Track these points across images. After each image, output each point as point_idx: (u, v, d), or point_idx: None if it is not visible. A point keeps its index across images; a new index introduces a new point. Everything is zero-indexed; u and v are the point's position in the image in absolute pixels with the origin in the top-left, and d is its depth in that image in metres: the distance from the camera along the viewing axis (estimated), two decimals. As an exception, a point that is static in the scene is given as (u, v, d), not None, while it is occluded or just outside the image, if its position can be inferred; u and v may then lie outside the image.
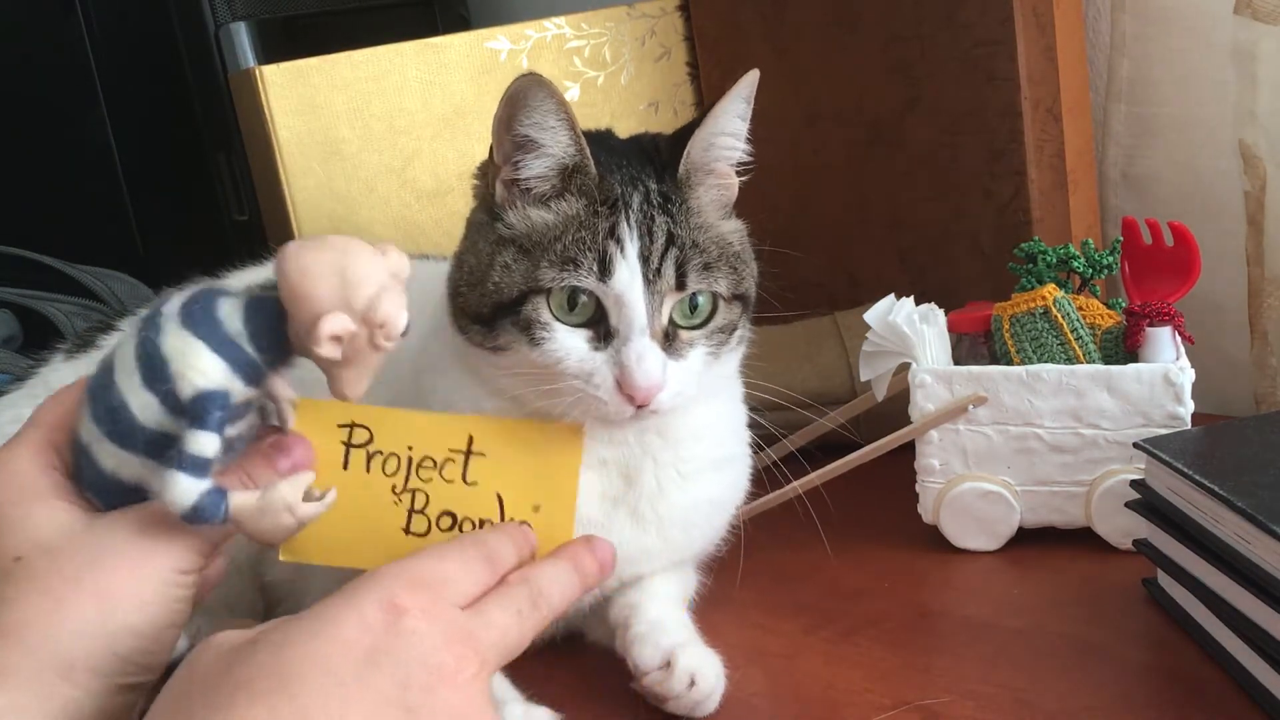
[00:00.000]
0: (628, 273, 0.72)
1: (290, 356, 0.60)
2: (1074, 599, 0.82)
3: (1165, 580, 0.79)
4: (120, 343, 0.61)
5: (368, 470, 0.70)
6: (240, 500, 0.58)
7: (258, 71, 1.13)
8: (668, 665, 0.72)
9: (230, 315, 0.58)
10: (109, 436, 0.59)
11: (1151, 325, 0.87)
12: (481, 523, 0.70)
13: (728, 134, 0.78)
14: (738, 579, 0.87)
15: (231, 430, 0.59)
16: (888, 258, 1.23)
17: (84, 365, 0.96)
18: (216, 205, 1.28)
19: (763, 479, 0.94)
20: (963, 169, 1.15)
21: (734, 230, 0.80)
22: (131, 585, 0.59)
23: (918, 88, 1.17)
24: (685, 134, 0.78)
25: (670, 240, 0.73)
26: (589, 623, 0.84)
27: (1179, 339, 0.88)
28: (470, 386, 0.78)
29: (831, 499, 0.95)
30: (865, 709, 0.72)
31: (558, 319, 0.72)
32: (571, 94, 1.27)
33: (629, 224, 0.73)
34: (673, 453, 0.80)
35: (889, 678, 0.75)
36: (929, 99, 1.17)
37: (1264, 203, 1.06)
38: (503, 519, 0.70)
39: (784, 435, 1.01)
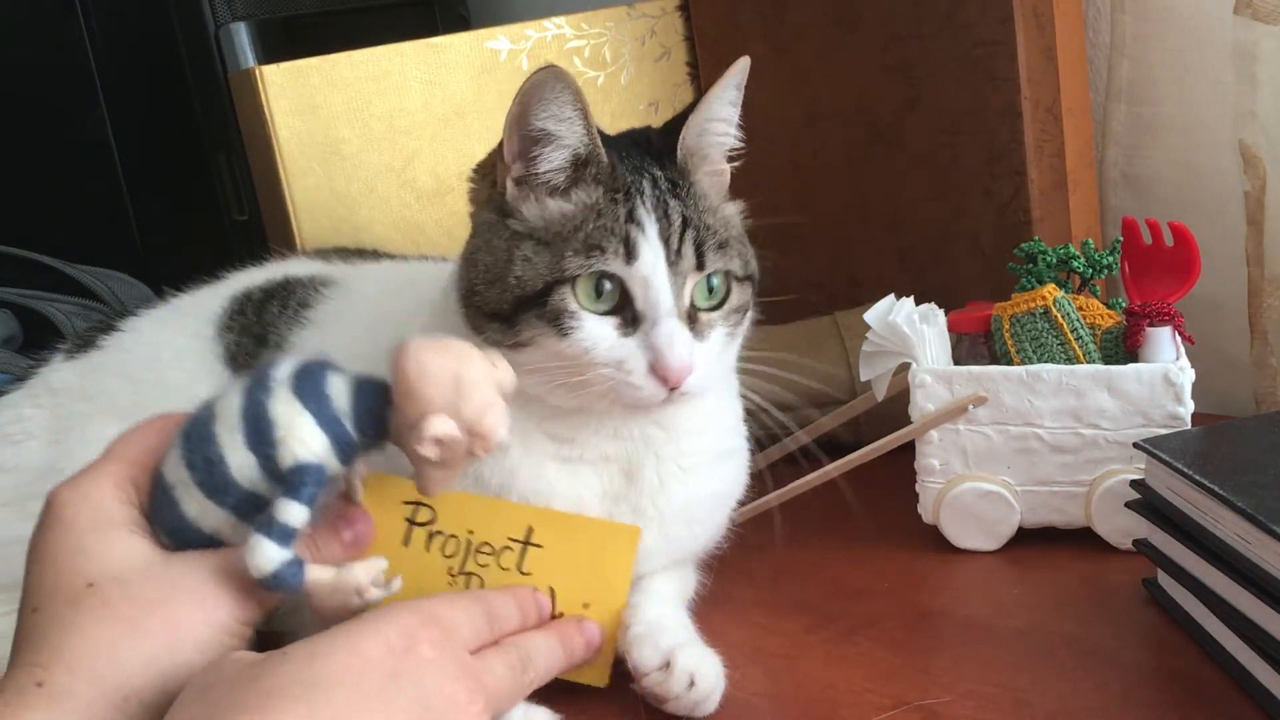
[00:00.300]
0: (652, 254, 0.73)
1: (384, 442, 0.62)
2: (1074, 599, 0.82)
3: (1165, 580, 0.79)
4: (223, 393, 0.62)
5: (427, 549, 0.74)
6: (317, 575, 0.60)
7: (258, 71, 1.13)
8: (667, 666, 0.72)
9: (339, 393, 0.61)
10: (199, 485, 0.61)
11: (1151, 325, 0.87)
12: None
13: (720, 119, 0.79)
14: (737, 579, 0.87)
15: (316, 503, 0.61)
16: (888, 258, 1.23)
17: (84, 365, 0.96)
18: (216, 205, 1.28)
19: (763, 479, 0.94)
20: (963, 169, 1.15)
21: (736, 212, 0.81)
22: (198, 627, 0.60)
23: (918, 88, 1.17)
24: (677, 123, 0.79)
25: (685, 222, 0.75)
26: None
27: (1179, 339, 0.88)
28: None
29: (831, 499, 0.95)
30: (865, 709, 0.72)
31: (584, 308, 0.73)
32: (571, 94, 1.27)
33: (645, 208, 0.74)
34: (675, 446, 0.81)
35: (889, 678, 0.75)
36: (929, 99, 1.17)
37: (1264, 203, 1.06)
38: (554, 613, 0.74)
39: (784, 435, 1.01)
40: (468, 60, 1.21)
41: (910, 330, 0.90)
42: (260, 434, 0.59)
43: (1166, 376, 0.85)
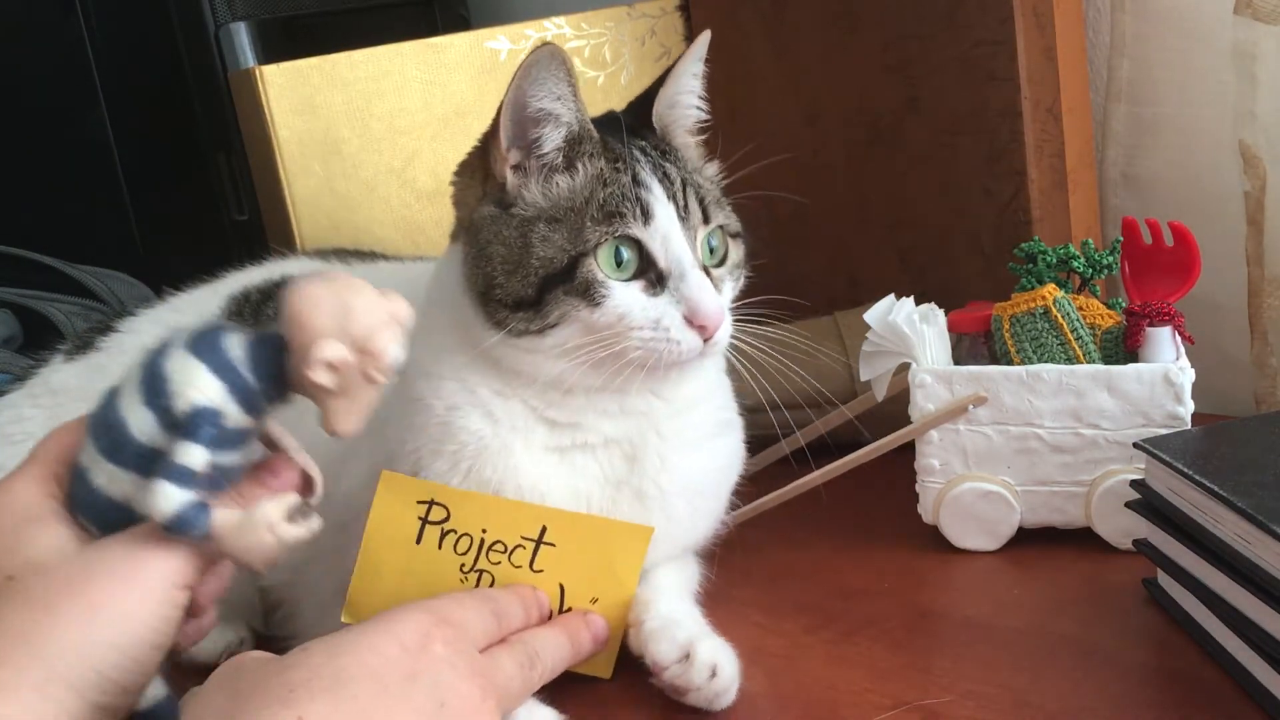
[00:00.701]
0: (665, 212, 0.76)
1: (288, 393, 0.60)
2: (1074, 599, 0.82)
3: (1165, 580, 0.79)
4: (127, 370, 0.61)
5: (440, 547, 0.75)
6: (223, 515, 0.58)
7: (258, 71, 1.13)
8: (686, 658, 0.73)
9: (233, 344, 0.59)
10: (103, 452, 0.60)
11: (1151, 325, 0.87)
12: None
13: (687, 91, 0.83)
14: (737, 578, 0.87)
15: (226, 457, 0.59)
16: (888, 258, 1.23)
17: (84, 365, 0.96)
18: (216, 205, 1.28)
19: (763, 479, 0.94)
20: (963, 169, 1.15)
21: (715, 173, 0.85)
22: (118, 600, 0.59)
23: (918, 88, 1.17)
24: (646, 100, 0.83)
25: (684, 182, 0.78)
26: None
27: (1179, 339, 0.88)
28: (480, 389, 0.78)
29: (831, 499, 0.95)
30: (865, 709, 0.72)
31: (609, 277, 0.75)
32: (571, 94, 1.27)
33: (646, 172, 0.77)
34: (678, 421, 0.81)
35: (889, 678, 0.75)
36: (929, 99, 1.17)
37: (1264, 203, 1.06)
38: (562, 608, 0.75)
39: (785, 434, 1.01)
40: (468, 60, 1.21)
41: (910, 330, 0.90)
42: (156, 389, 0.59)
43: (1166, 376, 0.85)
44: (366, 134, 1.17)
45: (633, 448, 0.80)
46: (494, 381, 0.78)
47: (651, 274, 0.75)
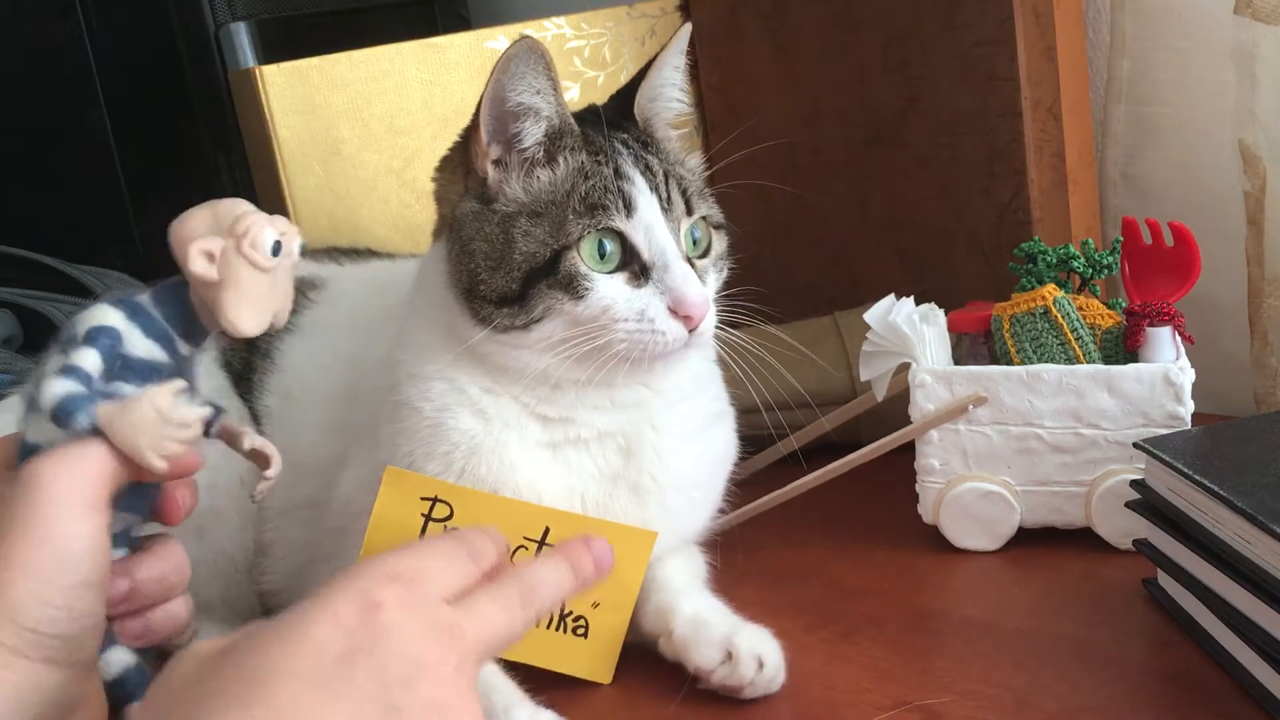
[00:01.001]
0: (648, 204, 0.76)
1: (195, 324, 0.62)
2: (1074, 599, 0.82)
3: (1165, 580, 0.79)
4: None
5: None
6: (108, 404, 0.57)
7: (258, 71, 1.13)
8: (730, 657, 0.73)
9: (141, 294, 0.62)
10: (29, 410, 0.60)
11: (1151, 325, 0.87)
12: None
13: (669, 84, 0.83)
14: (737, 578, 0.87)
15: (130, 384, 0.59)
16: (888, 258, 1.23)
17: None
18: (216, 205, 1.28)
19: (763, 479, 0.94)
20: (963, 169, 1.15)
21: (698, 164, 0.85)
22: (26, 541, 0.55)
23: (918, 88, 1.17)
24: (628, 92, 0.83)
25: (666, 174, 0.78)
26: None
27: (1179, 339, 0.88)
28: (470, 387, 0.78)
29: (831, 499, 0.95)
30: (865, 709, 0.72)
31: (592, 270, 0.75)
32: (571, 94, 1.27)
33: (629, 164, 0.77)
34: (671, 413, 0.81)
35: (889, 678, 0.75)
36: (929, 99, 1.17)
37: (1264, 203, 1.06)
38: (563, 610, 0.75)
39: (785, 435, 1.01)
40: (468, 60, 1.21)
41: (910, 330, 0.90)
42: (68, 336, 0.60)
43: (1166, 376, 0.85)
44: (366, 134, 1.17)
45: (627, 441, 0.80)
46: (482, 379, 0.78)
47: (635, 266, 0.76)
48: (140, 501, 0.62)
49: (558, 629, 0.76)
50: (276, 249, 0.63)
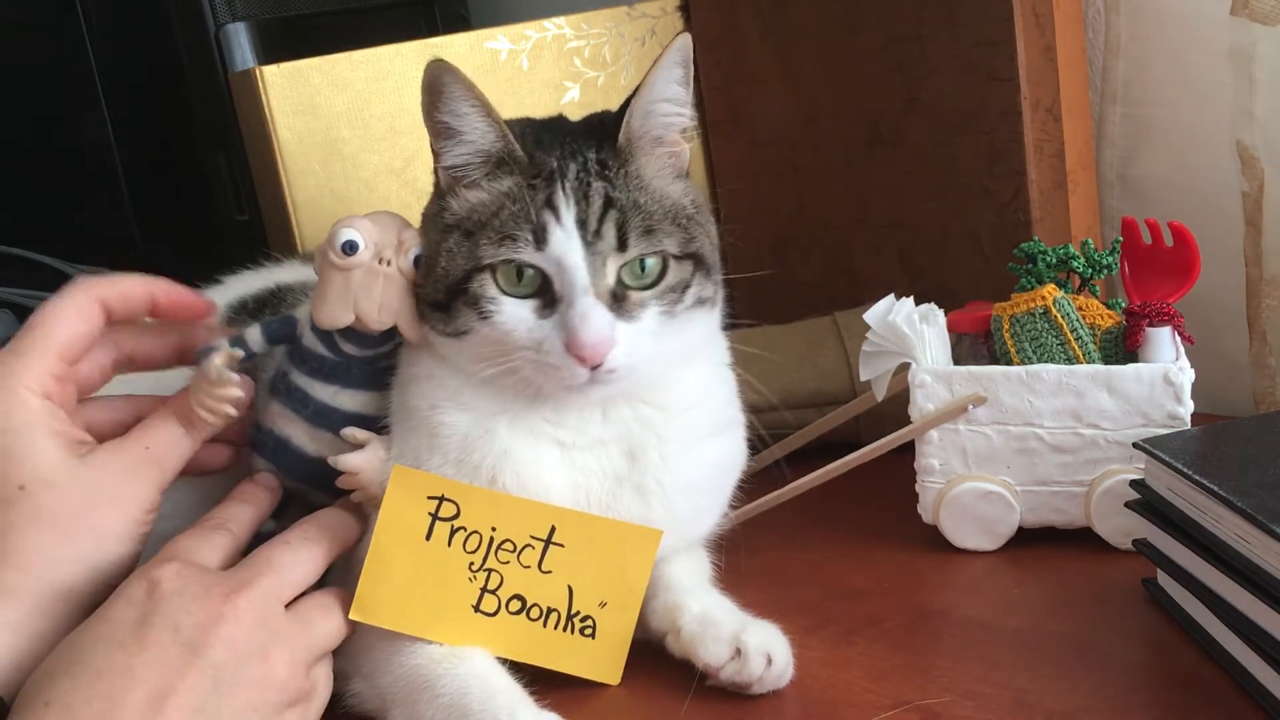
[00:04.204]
0: (564, 237, 0.73)
1: (356, 335, 0.77)
2: (1074, 599, 0.83)
3: (1165, 580, 0.79)
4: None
5: (449, 544, 0.75)
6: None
7: (258, 71, 1.13)
8: (738, 653, 0.73)
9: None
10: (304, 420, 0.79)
11: (1151, 325, 0.87)
12: (549, 610, 0.76)
13: (666, 100, 0.78)
14: (738, 577, 0.87)
15: (297, 370, 0.79)
16: (888, 258, 1.23)
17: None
18: (216, 206, 1.28)
19: (763, 479, 0.94)
20: (963, 169, 1.15)
21: (684, 191, 0.80)
22: (118, 523, 0.70)
23: (918, 88, 1.17)
24: (625, 104, 0.79)
25: (609, 203, 0.75)
26: None
27: (1179, 339, 0.88)
28: (449, 385, 0.78)
29: (831, 499, 0.95)
30: (865, 709, 0.72)
31: (505, 292, 0.74)
32: (571, 94, 1.27)
33: (564, 192, 0.74)
34: (674, 424, 0.80)
35: (889, 678, 0.75)
36: (929, 99, 1.17)
37: (1262, 204, 1.06)
38: (570, 610, 0.75)
39: (785, 435, 1.01)
40: (468, 60, 1.21)
41: (910, 330, 0.90)
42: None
43: (1166, 376, 0.85)
44: (366, 134, 1.17)
45: (630, 446, 0.79)
46: (461, 373, 0.78)
47: (549, 294, 0.74)
48: None
49: (565, 629, 0.76)
50: (350, 248, 0.74)
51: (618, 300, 0.74)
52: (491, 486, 0.77)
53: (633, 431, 0.79)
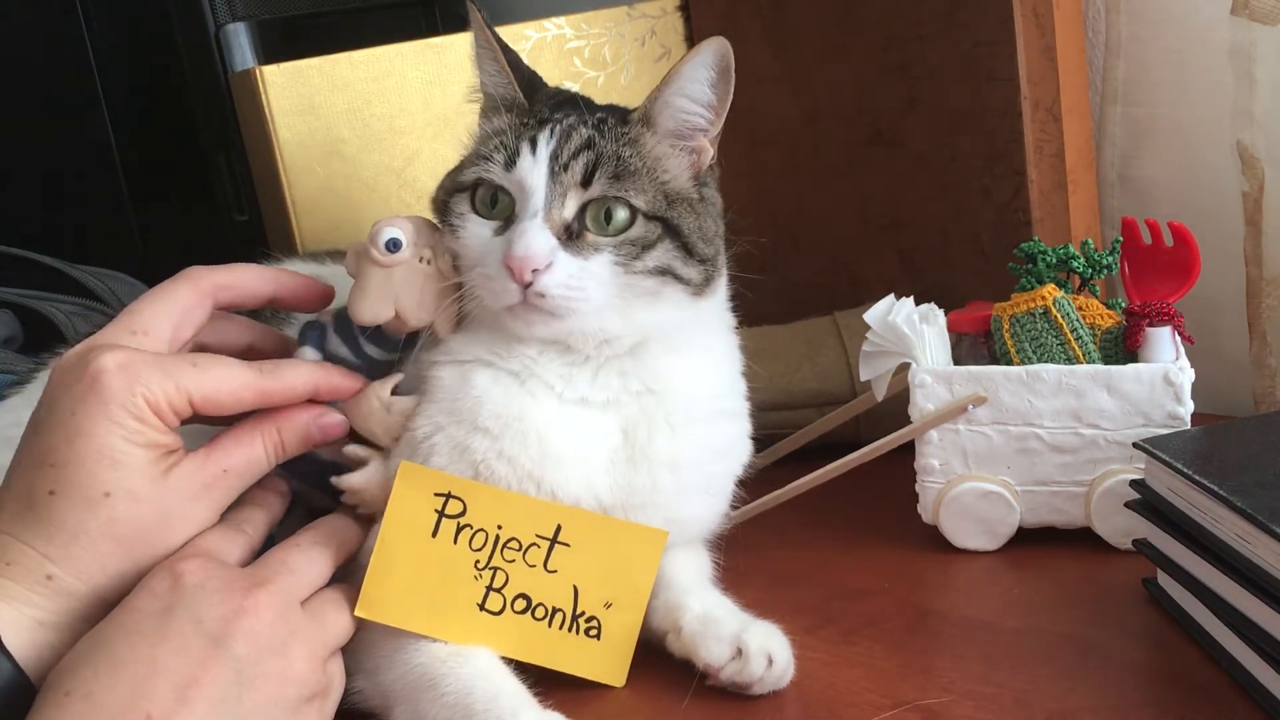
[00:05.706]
0: (531, 164, 0.77)
1: (380, 339, 0.79)
2: (1074, 599, 0.83)
3: (1165, 580, 0.79)
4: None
5: (455, 542, 0.75)
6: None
7: (258, 72, 1.13)
8: (739, 653, 0.73)
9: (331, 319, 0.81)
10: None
11: (1151, 325, 0.87)
12: (554, 610, 0.76)
13: (685, 97, 0.81)
14: (738, 578, 0.87)
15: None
16: (888, 258, 1.23)
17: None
18: (217, 206, 1.28)
19: (763, 479, 0.94)
20: (963, 169, 1.15)
21: (694, 185, 0.82)
22: (175, 543, 0.70)
23: (918, 88, 1.17)
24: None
25: (588, 144, 0.78)
26: None
27: (1179, 339, 0.88)
28: (453, 342, 0.80)
29: (831, 499, 0.95)
30: (865, 709, 0.72)
31: (478, 214, 0.79)
32: (571, 94, 1.27)
33: (550, 133, 0.79)
34: (666, 406, 0.81)
35: (889, 678, 0.75)
36: (929, 99, 1.17)
37: (1262, 203, 1.06)
38: (575, 611, 0.75)
39: (785, 435, 1.01)
40: (468, 60, 1.21)
41: (910, 330, 0.90)
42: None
43: (1166, 376, 0.85)
44: (367, 134, 1.17)
45: (625, 423, 0.80)
46: (466, 336, 0.80)
47: (511, 219, 0.78)
48: None
49: (570, 629, 0.76)
50: (394, 246, 0.76)
51: (572, 235, 0.77)
52: (484, 434, 0.77)
53: (624, 404, 0.80)
